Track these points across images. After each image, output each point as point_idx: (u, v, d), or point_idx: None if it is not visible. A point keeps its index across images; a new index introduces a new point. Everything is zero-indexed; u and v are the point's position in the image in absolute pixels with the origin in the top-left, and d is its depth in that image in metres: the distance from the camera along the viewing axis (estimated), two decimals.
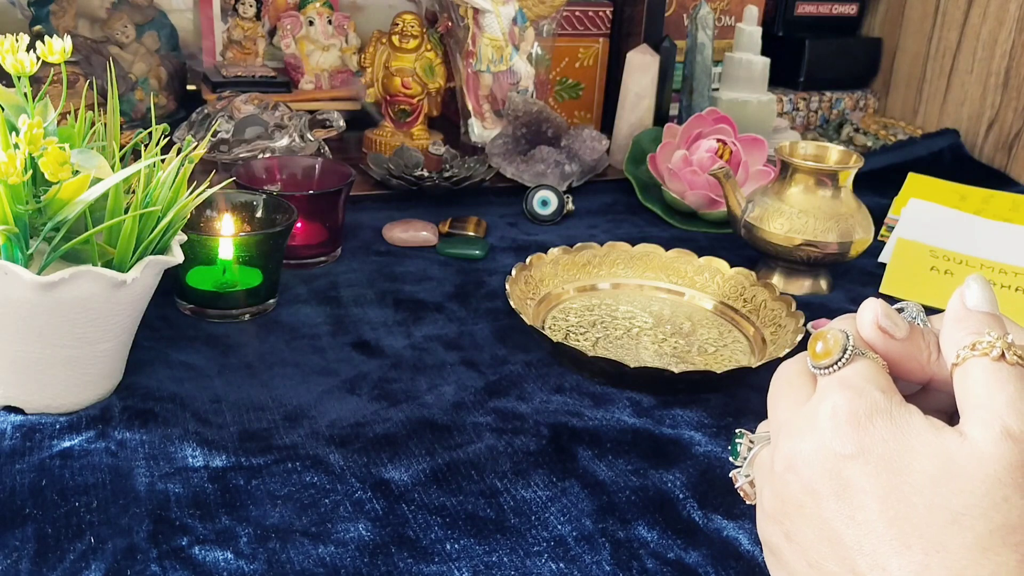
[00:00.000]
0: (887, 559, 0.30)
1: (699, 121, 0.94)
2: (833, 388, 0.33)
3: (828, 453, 0.32)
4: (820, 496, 0.32)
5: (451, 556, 0.44)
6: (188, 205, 0.53)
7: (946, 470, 0.30)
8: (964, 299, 0.34)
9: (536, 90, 1.08)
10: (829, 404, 0.33)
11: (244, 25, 1.12)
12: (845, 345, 0.34)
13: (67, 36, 0.50)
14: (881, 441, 0.31)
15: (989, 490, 0.29)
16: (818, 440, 0.32)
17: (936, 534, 0.29)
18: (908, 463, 0.30)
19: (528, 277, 0.70)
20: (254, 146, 0.90)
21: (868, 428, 0.31)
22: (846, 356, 0.34)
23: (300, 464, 0.51)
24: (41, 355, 0.51)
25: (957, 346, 0.33)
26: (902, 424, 0.31)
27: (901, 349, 0.34)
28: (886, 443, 0.31)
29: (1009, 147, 1.15)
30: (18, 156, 0.44)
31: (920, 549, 0.29)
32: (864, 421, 0.31)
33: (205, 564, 0.43)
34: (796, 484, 0.33)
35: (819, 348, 0.35)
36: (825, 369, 0.34)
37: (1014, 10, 1.13)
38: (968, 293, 0.34)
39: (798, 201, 0.75)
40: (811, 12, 1.31)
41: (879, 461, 0.31)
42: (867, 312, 0.35)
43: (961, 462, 0.29)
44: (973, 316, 0.33)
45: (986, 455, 0.29)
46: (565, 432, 0.55)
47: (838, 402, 0.32)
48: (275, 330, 0.66)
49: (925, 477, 0.30)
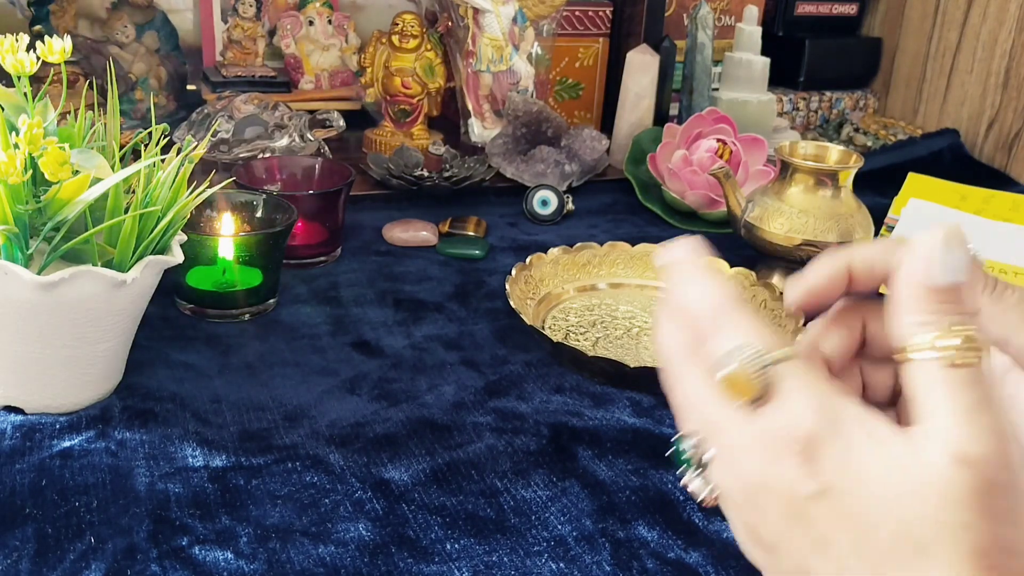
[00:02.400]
0: None
1: (699, 121, 0.94)
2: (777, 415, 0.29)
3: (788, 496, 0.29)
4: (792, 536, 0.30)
5: (451, 556, 0.44)
6: (188, 205, 0.53)
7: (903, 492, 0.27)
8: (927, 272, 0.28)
9: (536, 90, 1.08)
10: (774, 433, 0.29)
11: (244, 25, 1.12)
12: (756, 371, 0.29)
13: (67, 36, 0.50)
14: (835, 471, 0.28)
15: (951, 517, 0.27)
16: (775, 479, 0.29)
17: (908, 564, 0.27)
18: (868, 489, 0.28)
19: (528, 277, 0.70)
20: (254, 146, 0.90)
21: (821, 460, 0.28)
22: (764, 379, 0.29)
23: (300, 464, 0.51)
24: (41, 355, 0.51)
25: (908, 334, 0.28)
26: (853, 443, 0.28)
27: None
28: (841, 472, 0.28)
29: (1009, 147, 1.15)
30: (18, 156, 0.44)
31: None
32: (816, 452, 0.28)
33: (205, 564, 0.43)
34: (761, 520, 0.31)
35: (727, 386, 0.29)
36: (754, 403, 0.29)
37: (1014, 10, 1.13)
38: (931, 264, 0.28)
39: (798, 201, 0.74)
40: (811, 12, 1.31)
41: (839, 496, 0.28)
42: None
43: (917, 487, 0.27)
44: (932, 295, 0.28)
45: (943, 481, 0.27)
46: (565, 432, 0.55)
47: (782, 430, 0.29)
48: (275, 330, 0.66)
49: (883, 503, 0.28)
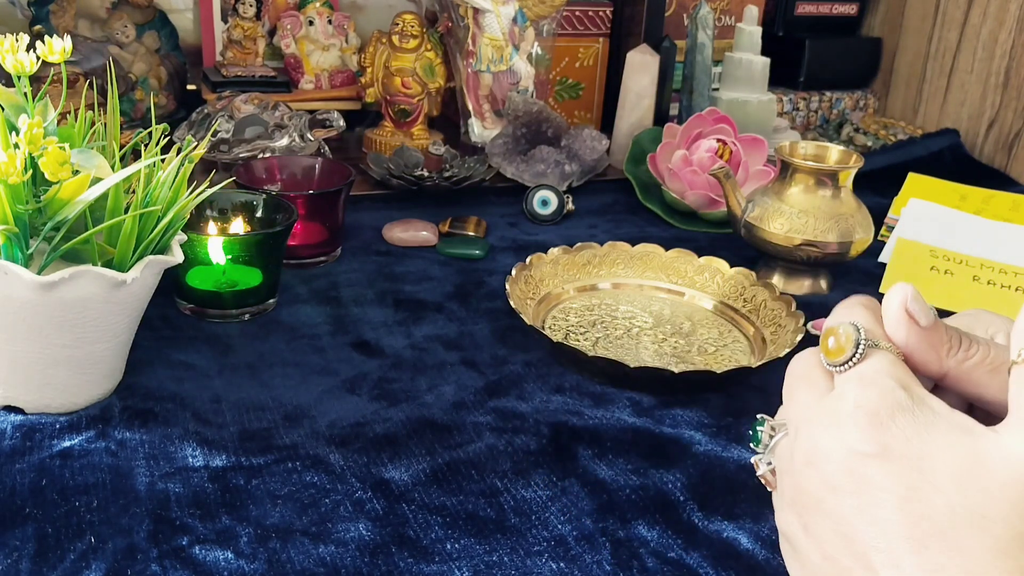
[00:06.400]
0: (902, 557, 0.29)
1: (699, 121, 0.94)
2: (852, 384, 0.32)
3: (849, 451, 0.31)
4: (839, 493, 0.31)
5: (451, 556, 0.44)
6: (188, 205, 0.53)
7: (971, 471, 0.29)
8: None
9: (536, 90, 1.08)
10: (850, 401, 0.32)
11: (244, 25, 1.12)
12: (857, 340, 0.33)
13: (67, 36, 0.50)
14: (904, 440, 0.30)
15: (1014, 494, 0.28)
16: (839, 438, 0.31)
17: (955, 535, 0.28)
18: (931, 462, 0.29)
19: (528, 277, 0.70)
20: (254, 146, 0.90)
21: (890, 426, 0.30)
22: (860, 351, 0.33)
23: (300, 464, 0.51)
24: (41, 355, 0.51)
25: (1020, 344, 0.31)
26: (926, 421, 0.30)
27: (923, 337, 0.33)
28: (909, 441, 0.30)
29: (1009, 147, 1.15)
30: (18, 156, 0.44)
31: (937, 550, 0.29)
32: (886, 419, 0.31)
33: (205, 564, 0.43)
34: (816, 479, 0.32)
35: (831, 344, 0.34)
36: (840, 366, 0.33)
37: (1014, 10, 1.13)
38: None
39: (798, 201, 0.75)
40: (811, 12, 1.31)
41: (901, 460, 0.30)
42: (897, 294, 0.34)
43: (988, 463, 0.29)
44: None
45: (1016, 459, 0.28)
46: (565, 432, 0.55)
47: (859, 399, 0.31)
48: (275, 330, 0.66)
49: (948, 477, 0.29)
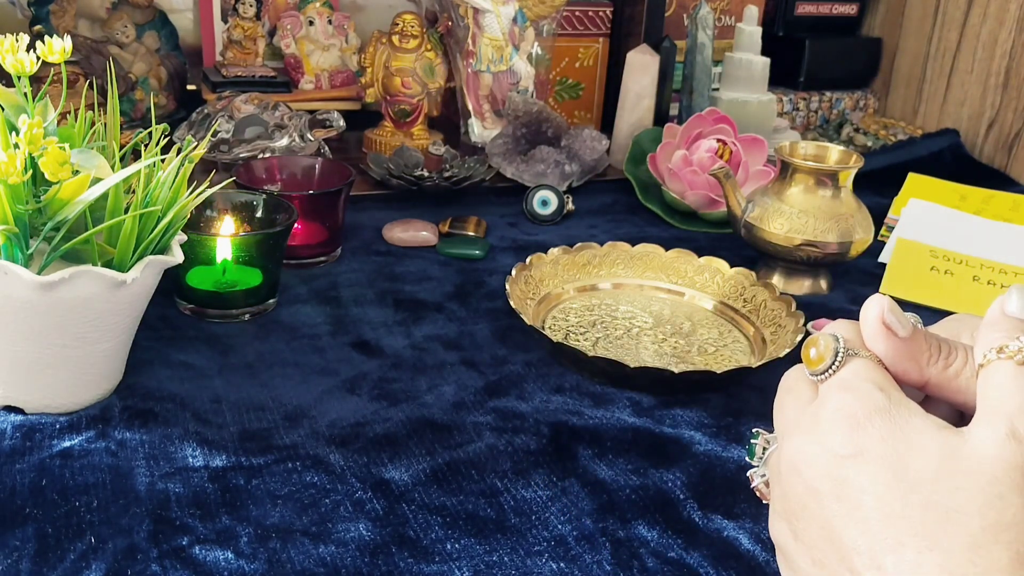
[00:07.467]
0: (882, 557, 0.30)
1: (699, 121, 0.94)
2: (832, 391, 0.34)
3: (828, 454, 0.32)
4: (821, 496, 0.32)
5: (451, 556, 0.44)
6: (188, 205, 0.53)
7: (944, 468, 0.30)
8: (1003, 305, 0.34)
9: (536, 90, 1.08)
10: (830, 407, 0.33)
11: (244, 25, 1.12)
12: (836, 348, 0.34)
13: (67, 36, 0.50)
14: (879, 440, 0.31)
15: (985, 487, 0.29)
16: (820, 442, 0.33)
17: (930, 532, 0.29)
18: (906, 461, 0.30)
19: (528, 277, 0.70)
20: (254, 146, 0.90)
21: (867, 428, 0.32)
22: (838, 359, 0.34)
23: (300, 464, 0.51)
24: (41, 355, 0.51)
25: (985, 348, 0.33)
26: (901, 422, 0.31)
27: (901, 348, 0.34)
28: (884, 442, 0.31)
29: (1009, 147, 1.15)
30: (18, 156, 0.44)
31: (913, 547, 0.29)
32: (863, 421, 0.32)
33: (205, 564, 0.43)
34: (800, 485, 0.33)
35: (812, 355, 0.35)
36: (820, 375, 0.35)
37: (1014, 10, 1.13)
38: (1008, 300, 0.35)
39: (798, 201, 0.75)
40: (811, 12, 1.31)
41: (877, 460, 0.31)
42: (873, 307, 0.35)
43: (960, 460, 0.30)
44: (1007, 321, 0.34)
45: (986, 455, 0.29)
46: (565, 432, 0.55)
47: (838, 403, 0.33)
48: (275, 330, 0.66)
49: (923, 475, 0.30)
